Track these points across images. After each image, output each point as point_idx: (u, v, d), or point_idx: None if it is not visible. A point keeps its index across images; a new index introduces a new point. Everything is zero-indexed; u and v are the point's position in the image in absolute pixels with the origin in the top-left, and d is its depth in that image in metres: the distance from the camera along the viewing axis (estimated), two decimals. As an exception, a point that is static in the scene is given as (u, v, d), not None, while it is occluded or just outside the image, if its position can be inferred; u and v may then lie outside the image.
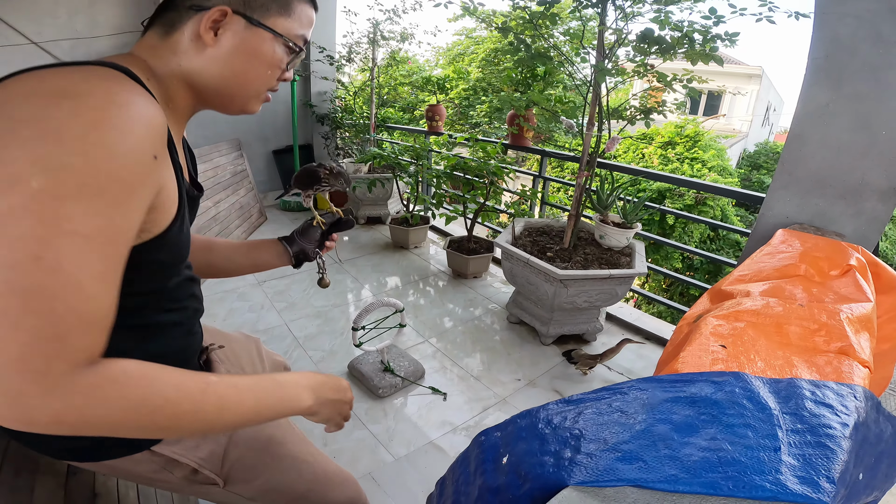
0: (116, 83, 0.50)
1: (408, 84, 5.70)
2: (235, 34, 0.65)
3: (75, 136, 0.44)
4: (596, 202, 2.63)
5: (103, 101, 0.47)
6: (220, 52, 0.65)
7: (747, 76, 17.44)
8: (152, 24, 0.65)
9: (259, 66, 0.69)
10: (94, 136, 0.45)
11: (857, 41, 1.64)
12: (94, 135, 0.45)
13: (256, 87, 0.71)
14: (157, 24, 0.64)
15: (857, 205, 1.75)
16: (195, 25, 0.63)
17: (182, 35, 0.63)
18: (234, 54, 0.66)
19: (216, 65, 0.66)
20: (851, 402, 0.65)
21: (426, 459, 1.76)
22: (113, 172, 0.47)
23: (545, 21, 2.41)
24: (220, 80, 0.67)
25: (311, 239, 1.03)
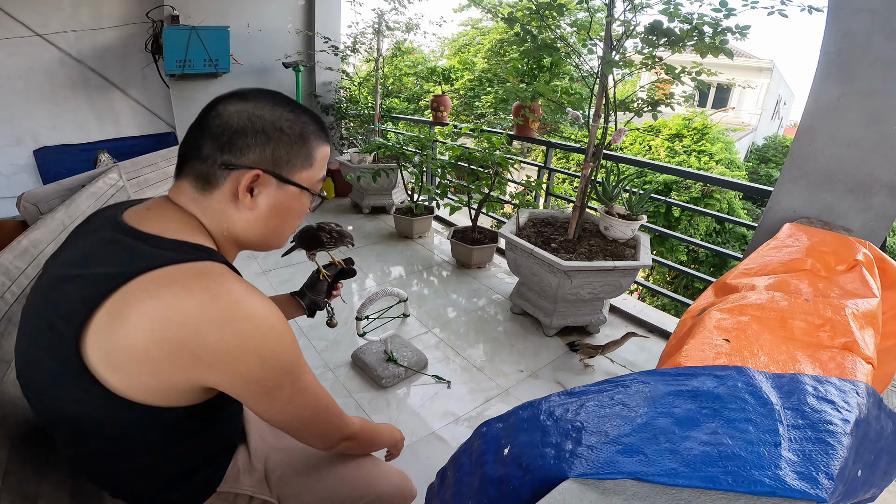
0: (245, 290, 0.63)
1: (413, 74, 5.67)
2: (269, 195, 0.72)
3: (272, 339, 0.63)
4: (601, 194, 2.62)
5: (264, 313, 0.63)
6: (258, 214, 0.73)
7: (758, 69, 17.20)
8: (183, 170, 0.71)
9: (292, 219, 0.78)
10: (277, 330, 0.64)
11: (870, 36, 1.61)
12: (276, 329, 0.64)
13: (288, 234, 0.82)
14: (191, 176, 0.70)
15: (866, 200, 1.74)
16: (232, 185, 0.69)
17: (222, 194, 0.70)
18: (270, 214, 0.74)
19: (257, 226, 0.74)
20: (853, 398, 0.65)
21: (428, 449, 1.77)
22: (291, 342, 0.67)
23: (552, 12, 2.38)
24: (260, 238, 0.76)
25: (319, 291, 1.16)
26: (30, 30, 3.51)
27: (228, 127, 0.68)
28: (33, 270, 1.23)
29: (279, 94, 0.74)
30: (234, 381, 0.62)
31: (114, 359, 0.57)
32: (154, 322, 0.56)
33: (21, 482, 0.80)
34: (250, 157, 0.69)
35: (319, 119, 0.78)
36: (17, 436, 0.86)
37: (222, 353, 0.59)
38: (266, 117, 0.69)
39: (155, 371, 0.58)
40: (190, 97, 4.21)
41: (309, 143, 0.74)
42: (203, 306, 0.58)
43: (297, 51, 4.64)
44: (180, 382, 0.60)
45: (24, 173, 3.79)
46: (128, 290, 0.57)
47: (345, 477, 0.97)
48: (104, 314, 0.56)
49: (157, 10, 3.85)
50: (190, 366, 0.58)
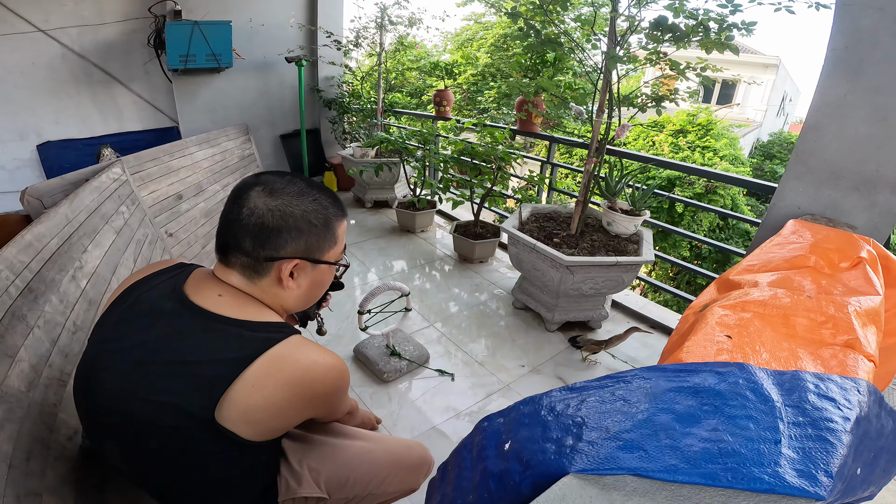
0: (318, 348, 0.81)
1: (416, 69, 5.65)
2: (307, 275, 0.86)
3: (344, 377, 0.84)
4: (604, 189, 2.61)
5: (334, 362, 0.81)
6: (301, 291, 0.87)
7: (763, 66, 17.06)
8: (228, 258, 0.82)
9: (323, 287, 0.94)
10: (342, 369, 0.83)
11: (878, 33, 1.60)
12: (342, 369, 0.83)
13: (319, 297, 0.96)
14: (238, 265, 0.82)
15: (871, 197, 1.73)
16: (276, 273, 0.82)
17: (269, 280, 0.83)
18: (310, 288, 0.89)
19: (301, 299, 0.90)
20: (854, 396, 0.65)
21: (429, 444, 1.76)
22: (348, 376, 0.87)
23: (556, 6, 2.37)
24: (303, 305, 0.92)
25: None
26: (32, 25, 3.50)
27: (265, 227, 0.79)
28: (37, 265, 1.23)
29: (296, 178, 0.85)
30: (325, 410, 0.89)
31: (249, 417, 0.73)
32: (283, 388, 0.74)
33: (25, 476, 0.80)
34: (288, 250, 0.81)
35: (334, 196, 0.89)
36: (21, 431, 0.86)
37: (324, 397, 0.81)
38: (296, 214, 0.81)
39: (284, 417, 0.78)
40: (193, 92, 4.21)
41: (332, 227, 0.86)
42: (310, 370, 0.77)
43: (300, 45, 4.63)
44: (297, 419, 0.81)
45: (27, 168, 3.79)
46: (255, 368, 0.72)
47: (376, 461, 1.10)
48: (240, 388, 0.71)
49: (160, 5, 3.84)
50: (308, 408, 0.80)
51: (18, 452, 0.82)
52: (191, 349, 0.74)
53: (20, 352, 0.99)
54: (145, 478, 0.82)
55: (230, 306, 0.79)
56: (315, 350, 0.79)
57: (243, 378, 0.71)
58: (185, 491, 0.82)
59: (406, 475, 1.15)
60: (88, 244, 1.60)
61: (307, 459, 1.01)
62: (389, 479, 1.11)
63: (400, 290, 2.08)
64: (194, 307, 0.78)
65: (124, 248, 1.90)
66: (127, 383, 0.73)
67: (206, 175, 3.31)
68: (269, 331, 0.78)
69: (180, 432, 0.72)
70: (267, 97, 4.69)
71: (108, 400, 0.74)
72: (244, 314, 0.79)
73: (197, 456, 0.75)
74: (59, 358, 1.13)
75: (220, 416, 0.71)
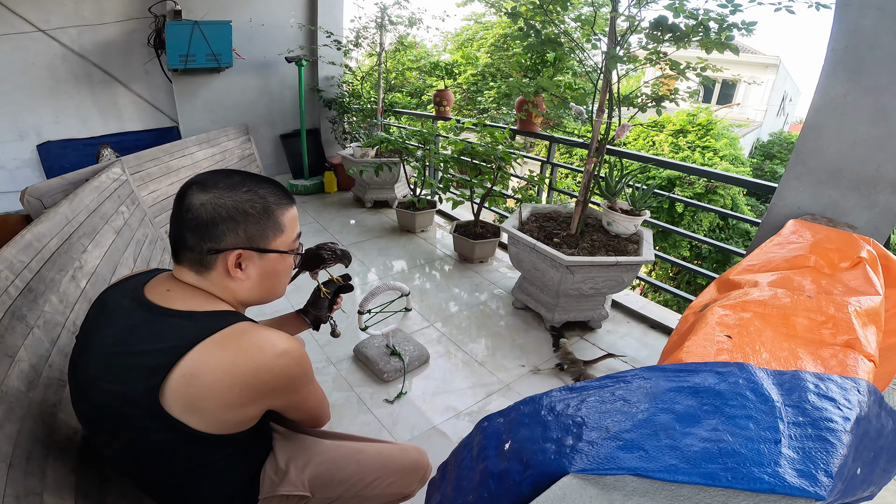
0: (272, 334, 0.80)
1: (416, 69, 5.64)
2: (255, 265, 0.87)
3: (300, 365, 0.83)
4: (604, 189, 2.61)
5: (290, 347, 0.80)
6: (253, 282, 0.88)
7: (763, 66, 17.05)
8: (179, 257, 0.85)
9: (281, 277, 0.93)
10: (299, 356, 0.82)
11: (878, 33, 1.60)
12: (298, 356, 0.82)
13: (283, 288, 0.96)
14: (187, 262, 0.84)
15: (871, 197, 1.73)
16: (223, 265, 0.83)
17: (217, 273, 0.84)
18: (262, 279, 0.89)
19: (255, 290, 0.89)
20: (854, 396, 0.64)
21: (429, 444, 1.78)
22: (307, 359, 0.86)
23: (556, 6, 2.37)
24: (260, 297, 0.92)
25: (321, 307, 1.29)
26: (32, 25, 3.51)
27: (200, 220, 0.81)
28: (37, 265, 1.23)
29: (234, 174, 0.87)
30: (283, 401, 0.84)
31: (194, 406, 0.74)
32: (224, 375, 0.74)
33: (25, 476, 0.80)
34: (228, 241, 0.82)
35: (277, 186, 0.90)
36: (21, 431, 0.86)
37: (275, 385, 0.79)
38: (228, 204, 0.82)
39: (229, 407, 0.76)
40: (193, 92, 4.21)
41: (273, 215, 0.87)
42: (254, 356, 0.76)
43: (300, 45, 4.63)
44: (248, 412, 0.80)
45: (27, 168, 3.79)
46: (193, 356, 0.73)
47: (365, 461, 1.09)
48: (178, 376, 0.72)
49: (160, 5, 3.84)
50: (256, 399, 0.79)
51: (18, 452, 0.82)
52: (137, 341, 0.76)
53: (20, 352, 0.99)
54: (129, 470, 0.86)
55: (177, 299, 0.81)
56: (264, 335, 0.79)
57: (181, 366, 0.72)
58: (161, 482, 0.85)
59: (397, 478, 1.13)
60: (88, 244, 1.60)
61: (294, 458, 1.02)
62: (378, 482, 1.09)
63: (400, 290, 2.08)
64: (146, 303, 0.81)
65: (124, 248, 1.90)
66: (93, 376, 0.77)
67: (206, 175, 3.31)
68: (212, 319, 0.79)
69: (133, 421, 0.74)
70: (267, 97, 4.69)
71: (82, 392, 0.79)
72: (190, 306, 0.81)
73: (156, 446, 0.77)
74: (59, 358, 1.13)
75: (167, 405, 0.72)
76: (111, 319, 0.81)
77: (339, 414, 1.87)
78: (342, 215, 4.24)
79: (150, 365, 0.73)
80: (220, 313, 0.81)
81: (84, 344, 0.81)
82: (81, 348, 0.81)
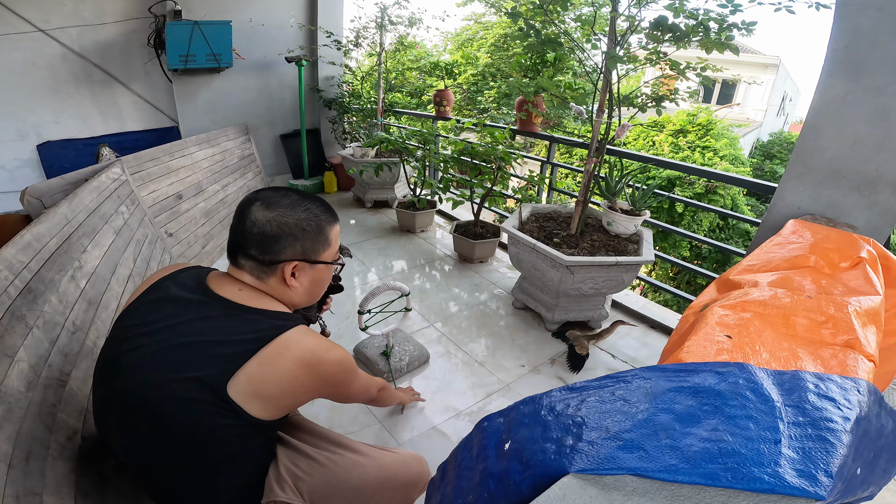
0: (319, 336, 0.94)
1: (416, 69, 5.64)
2: (307, 275, 1.00)
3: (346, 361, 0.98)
4: (604, 189, 2.61)
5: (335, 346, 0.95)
6: (303, 289, 1.01)
7: (764, 65, 17.04)
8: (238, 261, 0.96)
9: (324, 284, 1.07)
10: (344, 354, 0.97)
11: (878, 33, 1.60)
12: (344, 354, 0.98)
13: (323, 292, 1.09)
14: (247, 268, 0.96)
15: (871, 197, 1.73)
16: (280, 274, 0.96)
17: (276, 279, 0.97)
18: (311, 286, 1.03)
19: (304, 295, 1.03)
20: (854, 396, 0.64)
21: (429, 444, 1.78)
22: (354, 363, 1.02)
23: (556, 6, 2.36)
24: (306, 301, 1.05)
25: (310, 307, 1.35)
26: (32, 25, 3.50)
27: (266, 234, 0.93)
28: (36, 265, 1.23)
29: (289, 192, 0.99)
30: (331, 389, 0.98)
31: (262, 390, 0.85)
32: (296, 366, 0.87)
33: (25, 476, 0.80)
34: (287, 254, 0.95)
35: (326, 205, 1.03)
36: (21, 431, 0.86)
37: (329, 377, 0.93)
38: (290, 223, 0.94)
39: (293, 394, 0.90)
40: (193, 92, 4.21)
41: (324, 231, 0.99)
42: (316, 353, 0.90)
43: (300, 45, 4.62)
44: (303, 398, 0.94)
45: (27, 168, 3.79)
46: (272, 347, 0.85)
47: (365, 475, 1.11)
48: (255, 364, 0.84)
49: (160, 5, 3.84)
50: (314, 387, 0.92)
51: (18, 452, 0.82)
52: (216, 331, 0.87)
53: (19, 352, 0.99)
54: (144, 465, 0.89)
55: (249, 298, 0.93)
56: (319, 337, 0.94)
57: (259, 355, 0.84)
58: (177, 478, 0.89)
59: (398, 492, 1.17)
60: (88, 244, 1.60)
61: (295, 468, 1.04)
62: (378, 496, 1.12)
63: (400, 289, 2.08)
64: (219, 297, 0.91)
65: (124, 248, 1.90)
66: (154, 360, 0.84)
67: (205, 175, 3.31)
68: (282, 318, 0.92)
69: (193, 404, 0.82)
70: (267, 97, 4.69)
71: (135, 376, 0.84)
72: (261, 305, 0.93)
73: (202, 432, 0.84)
74: (59, 358, 1.13)
75: (233, 389, 0.82)
76: (180, 310, 0.90)
77: (340, 415, 1.87)
78: (342, 215, 4.24)
79: (228, 353, 0.84)
80: (288, 315, 0.95)
81: (141, 331, 0.87)
82: (136, 335, 0.87)
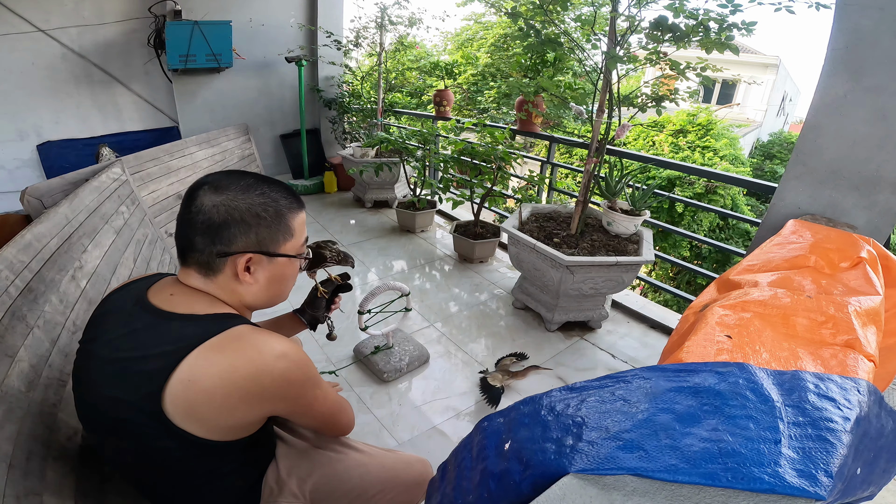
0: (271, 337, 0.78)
1: (416, 69, 5.64)
2: (264, 269, 0.86)
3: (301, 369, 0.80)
4: (604, 189, 2.61)
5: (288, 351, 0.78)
6: (260, 286, 0.87)
7: (763, 65, 17.05)
8: (186, 259, 0.83)
9: (287, 281, 0.93)
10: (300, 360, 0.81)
11: (878, 33, 1.60)
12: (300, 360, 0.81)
13: (288, 292, 0.95)
14: (194, 265, 0.83)
15: (871, 197, 1.73)
16: (231, 268, 0.83)
17: (225, 276, 0.83)
18: (270, 283, 0.88)
19: (262, 294, 0.88)
20: (854, 396, 0.64)
21: (429, 444, 1.78)
22: (310, 364, 0.84)
23: (556, 6, 2.37)
24: (266, 301, 0.91)
25: (318, 307, 1.29)
26: (32, 25, 3.51)
27: (212, 222, 0.79)
28: (37, 265, 1.23)
29: (247, 175, 0.85)
30: (285, 406, 0.82)
31: (194, 412, 0.72)
32: (222, 380, 0.72)
33: (25, 476, 0.80)
34: (239, 244, 0.81)
35: (288, 190, 0.89)
36: (21, 431, 0.86)
37: (275, 390, 0.77)
38: (241, 207, 0.81)
39: (229, 413, 0.75)
40: (193, 92, 4.21)
41: (285, 219, 0.86)
42: (253, 360, 0.74)
43: (300, 45, 4.63)
44: (248, 417, 0.78)
45: (27, 168, 3.79)
46: (190, 360, 0.71)
47: (368, 474, 1.06)
48: (176, 381, 0.71)
49: (160, 5, 3.84)
50: (256, 404, 0.77)
51: (18, 452, 0.82)
52: (138, 345, 0.75)
53: (20, 352, 0.99)
54: (131, 474, 0.86)
55: (179, 303, 0.80)
56: (262, 338, 0.77)
57: (179, 371, 0.71)
58: (162, 488, 0.84)
59: (400, 493, 1.11)
60: (88, 244, 1.60)
61: (296, 468, 1.00)
62: (380, 496, 1.07)
63: (400, 289, 2.08)
64: (148, 306, 0.80)
65: (124, 248, 1.90)
66: (96, 381, 0.77)
67: (206, 175, 3.31)
68: (211, 322, 0.77)
69: (134, 427, 0.74)
70: (267, 97, 4.69)
71: (85, 396, 0.79)
72: (192, 309, 0.79)
73: (158, 452, 0.76)
74: (59, 358, 1.13)
75: (168, 411, 0.71)
76: (115, 324, 0.80)
77: (339, 414, 1.87)
78: (342, 215, 4.24)
79: (150, 370, 0.72)
80: (221, 316, 0.79)
81: (88, 350, 0.80)
82: (85, 354, 0.80)
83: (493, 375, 2.05)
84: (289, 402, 0.82)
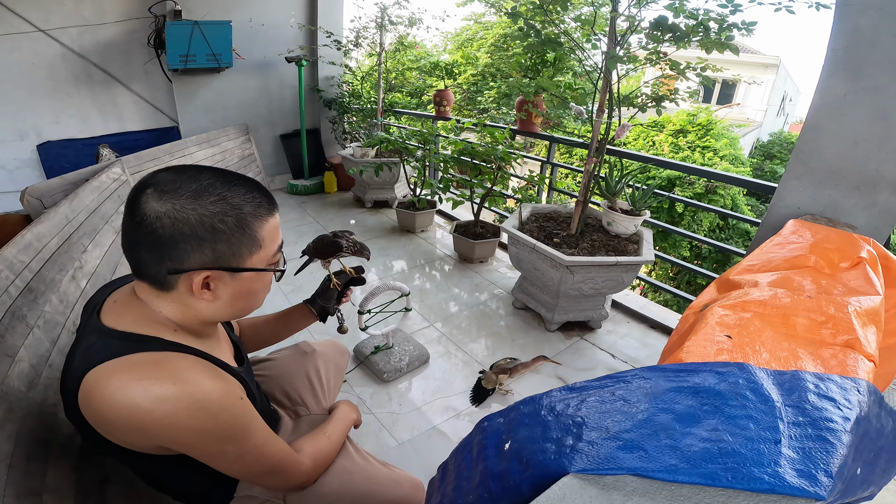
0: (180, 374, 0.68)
1: (416, 69, 5.63)
2: (226, 285, 0.74)
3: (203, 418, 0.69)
4: (604, 189, 2.61)
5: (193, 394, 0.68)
6: (222, 303, 0.76)
7: (764, 65, 17.05)
8: (138, 273, 0.73)
9: (257, 295, 0.81)
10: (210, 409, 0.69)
11: (878, 33, 1.60)
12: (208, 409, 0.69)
13: (259, 303, 0.84)
14: (146, 280, 0.73)
15: (871, 196, 1.73)
16: (186, 285, 0.71)
17: (179, 293, 0.73)
18: (234, 299, 0.77)
19: (224, 310, 0.77)
20: (854, 396, 0.64)
21: (429, 444, 1.78)
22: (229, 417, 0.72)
23: (556, 6, 2.37)
24: (231, 316, 0.81)
25: (329, 298, 1.23)
26: (32, 25, 3.51)
27: (158, 238, 0.67)
28: (37, 265, 1.24)
29: (201, 174, 0.71)
30: (179, 447, 0.71)
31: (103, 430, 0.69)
32: (109, 407, 0.65)
33: (25, 476, 0.80)
34: (193, 261, 0.70)
35: (256, 190, 0.75)
36: (21, 431, 0.86)
37: (159, 431, 0.68)
38: (191, 219, 0.67)
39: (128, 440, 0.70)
40: (193, 92, 4.21)
41: (250, 228, 0.73)
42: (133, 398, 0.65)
43: (300, 45, 4.63)
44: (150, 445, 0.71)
45: (27, 168, 3.79)
46: (86, 382, 0.66)
47: (349, 483, 1.00)
48: (80, 399, 0.67)
49: (160, 5, 3.84)
50: (144, 436, 0.69)
51: (18, 452, 0.82)
52: (71, 359, 0.71)
53: (20, 352, 0.99)
54: None
55: (114, 314, 0.73)
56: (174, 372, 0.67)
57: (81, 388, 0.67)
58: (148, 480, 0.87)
59: None
60: (88, 244, 1.60)
61: None
62: None
63: (400, 289, 2.08)
64: (97, 310, 0.75)
65: (124, 248, 1.90)
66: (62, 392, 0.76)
67: (206, 175, 3.31)
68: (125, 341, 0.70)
69: (84, 437, 0.73)
70: (267, 97, 4.69)
71: None
72: (115, 322, 0.72)
73: (113, 454, 0.76)
74: (59, 358, 1.13)
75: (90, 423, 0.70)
76: (81, 324, 0.79)
77: (339, 414, 1.87)
78: (342, 215, 4.24)
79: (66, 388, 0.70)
80: (133, 336, 0.70)
81: None
82: None
83: (487, 376, 2.06)
84: (183, 447, 0.71)
